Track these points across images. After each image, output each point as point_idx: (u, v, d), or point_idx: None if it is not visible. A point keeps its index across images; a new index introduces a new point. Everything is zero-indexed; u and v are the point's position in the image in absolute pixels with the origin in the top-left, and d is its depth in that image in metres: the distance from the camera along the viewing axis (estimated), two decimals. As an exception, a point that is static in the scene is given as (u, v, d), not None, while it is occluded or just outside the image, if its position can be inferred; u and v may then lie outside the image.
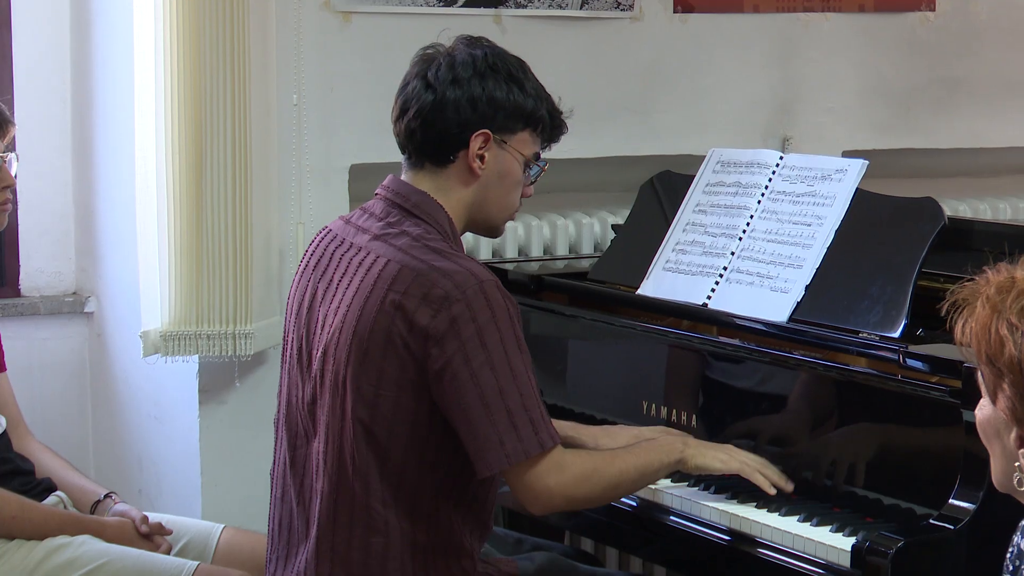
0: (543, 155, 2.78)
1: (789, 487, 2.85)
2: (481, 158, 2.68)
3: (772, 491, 2.84)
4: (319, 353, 2.66)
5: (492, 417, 2.53)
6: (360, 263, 2.65)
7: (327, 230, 2.81)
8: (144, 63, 3.68)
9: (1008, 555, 2.00)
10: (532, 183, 2.78)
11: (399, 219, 2.67)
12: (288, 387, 2.76)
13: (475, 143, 2.68)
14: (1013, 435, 1.95)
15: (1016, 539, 2.00)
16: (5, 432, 3.19)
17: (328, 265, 2.72)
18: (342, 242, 2.73)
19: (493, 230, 2.81)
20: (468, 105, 2.66)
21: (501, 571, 2.76)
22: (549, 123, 2.75)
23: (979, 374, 1.99)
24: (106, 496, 3.24)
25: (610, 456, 2.75)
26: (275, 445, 2.80)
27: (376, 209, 2.73)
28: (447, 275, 2.55)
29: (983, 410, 2.00)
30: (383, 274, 2.59)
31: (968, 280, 1.99)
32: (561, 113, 2.77)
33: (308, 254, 2.80)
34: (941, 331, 2.74)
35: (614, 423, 3.21)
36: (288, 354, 2.77)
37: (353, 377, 2.59)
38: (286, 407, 2.76)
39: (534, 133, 2.74)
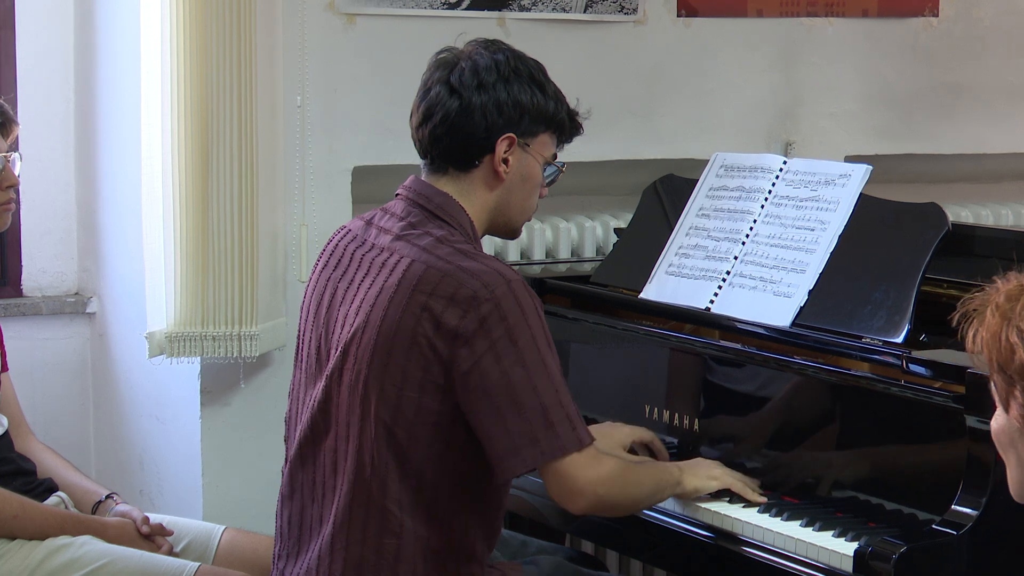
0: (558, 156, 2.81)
1: (763, 499, 2.89)
2: (506, 162, 2.70)
3: (763, 500, 2.87)
4: (337, 351, 2.66)
5: (525, 414, 2.53)
6: (383, 263, 2.65)
7: (345, 229, 2.81)
8: (149, 63, 3.68)
9: None
10: (549, 184, 2.80)
11: (422, 220, 2.68)
12: (303, 384, 2.76)
13: (501, 147, 2.69)
14: None
15: None
16: (7, 432, 3.19)
17: (349, 265, 2.72)
18: (363, 242, 2.73)
19: (512, 232, 2.82)
20: (495, 109, 2.67)
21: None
22: (568, 125, 2.77)
23: (991, 383, 1.99)
24: (107, 497, 3.24)
25: (632, 465, 2.79)
26: (286, 442, 2.80)
27: (397, 209, 2.73)
28: (474, 275, 2.56)
29: (997, 420, 2.00)
30: (408, 274, 2.59)
31: (977, 289, 1.99)
32: (578, 114, 2.79)
33: (326, 253, 2.80)
34: (944, 337, 2.75)
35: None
36: (304, 352, 2.77)
37: (376, 377, 2.59)
38: (299, 404, 2.76)
39: (553, 135, 2.76)
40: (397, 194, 2.76)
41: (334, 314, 2.70)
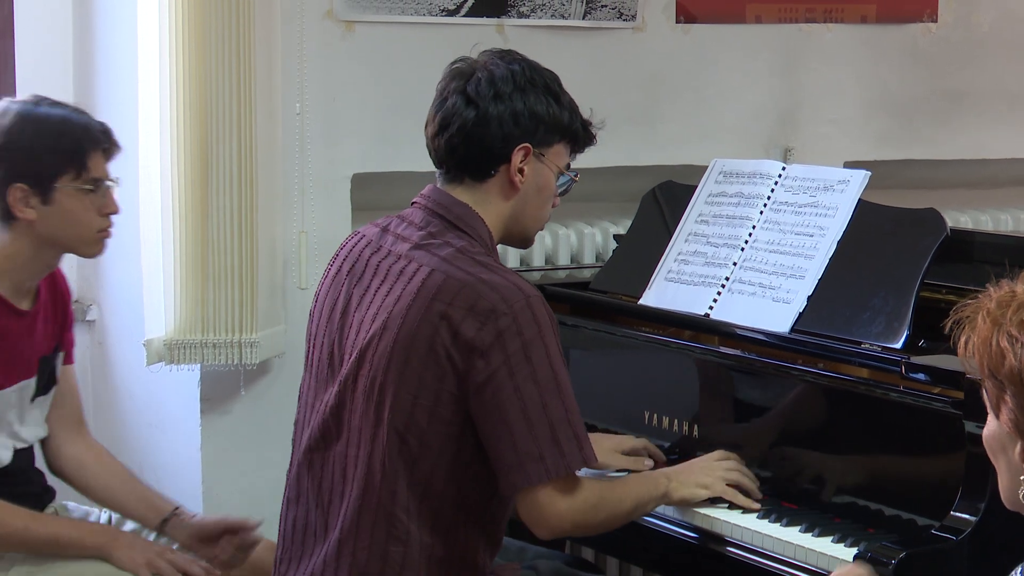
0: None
1: (756, 505, 2.88)
2: (522, 171, 2.71)
3: (756, 506, 2.87)
4: (351, 357, 2.66)
5: (534, 431, 2.54)
6: (401, 271, 2.65)
7: (360, 235, 2.81)
8: (148, 71, 3.68)
9: None
10: (562, 194, 2.81)
11: (440, 230, 2.68)
12: (313, 388, 2.76)
13: (517, 157, 2.70)
14: (1018, 448, 1.95)
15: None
16: (31, 447, 3.10)
17: (364, 271, 2.72)
18: (379, 248, 2.73)
19: (526, 241, 2.84)
20: (511, 120, 2.68)
21: (504, 577, 2.78)
22: (582, 135, 2.79)
23: (983, 389, 2.00)
24: (172, 514, 3.14)
25: (610, 485, 2.78)
26: (293, 447, 2.80)
27: (415, 218, 2.73)
28: (494, 288, 2.57)
29: (988, 426, 2.01)
30: (427, 283, 2.60)
31: (972, 297, 2.00)
32: (591, 124, 2.80)
33: (340, 259, 2.80)
34: (943, 343, 2.75)
35: (616, 433, 3.22)
36: (315, 357, 2.77)
37: (392, 384, 2.59)
38: (308, 408, 2.76)
39: (567, 145, 2.77)
40: (414, 203, 2.76)
41: (349, 319, 2.70)
